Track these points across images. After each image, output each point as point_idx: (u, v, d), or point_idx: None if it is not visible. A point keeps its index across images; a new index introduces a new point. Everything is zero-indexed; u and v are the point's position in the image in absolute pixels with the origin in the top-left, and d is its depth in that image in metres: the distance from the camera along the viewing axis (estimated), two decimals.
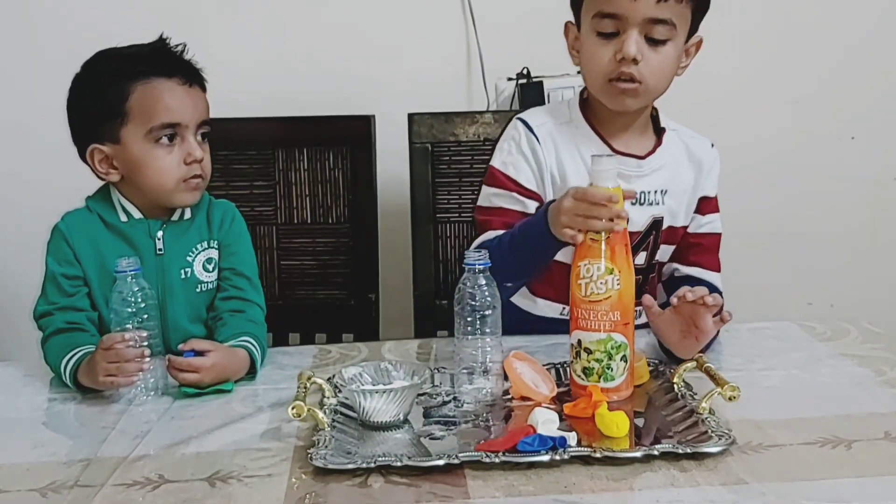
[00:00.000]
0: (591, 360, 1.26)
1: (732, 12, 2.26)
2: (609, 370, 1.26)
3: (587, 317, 1.25)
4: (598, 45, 1.42)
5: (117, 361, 1.32)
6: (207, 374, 1.35)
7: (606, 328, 1.25)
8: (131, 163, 1.47)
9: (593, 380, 1.26)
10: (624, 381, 1.27)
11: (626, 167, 1.46)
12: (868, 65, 2.29)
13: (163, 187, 1.48)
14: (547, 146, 1.51)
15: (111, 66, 1.48)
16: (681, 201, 1.54)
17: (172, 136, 1.47)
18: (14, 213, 2.23)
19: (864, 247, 2.37)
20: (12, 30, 2.19)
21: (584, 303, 1.25)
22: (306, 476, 1.09)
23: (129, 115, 1.46)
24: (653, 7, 1.38)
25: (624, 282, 1.25)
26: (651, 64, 1.41)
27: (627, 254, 1.27)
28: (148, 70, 1.47)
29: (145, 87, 1.46)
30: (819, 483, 1.03)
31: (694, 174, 1.56)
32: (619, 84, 1.42)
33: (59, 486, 1.09)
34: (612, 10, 1.39)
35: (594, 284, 1.24)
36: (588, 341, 1.26)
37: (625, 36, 1.39)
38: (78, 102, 1.50)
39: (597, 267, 1.25)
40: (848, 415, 1.21)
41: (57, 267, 1.49)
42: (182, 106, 1.48)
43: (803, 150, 2.32)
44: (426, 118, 1.92)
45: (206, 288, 1.54)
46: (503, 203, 1.51)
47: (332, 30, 2.20)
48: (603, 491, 1.03)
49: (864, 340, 1.50)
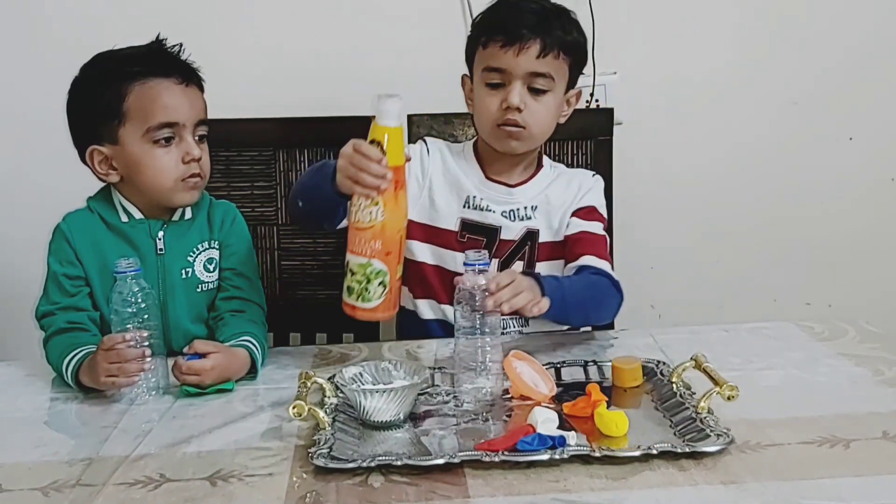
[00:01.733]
0: (353, 281, 1.36)
1: (732, 13, 2.27)
2: (367, 292, 1.36)
3: (354, 241, 1.36)
4: (487, 95, 1.59)
5: (118, 362, 1.33)
6: (208, 376, 1.36)
7: (368, 254, 1.35)
8: (130, 163, 1.48)
9: (353, 298, 1.37)
10: (381, 303, 1.36)
11: (496, 192, 1.65)
12: (866, 66, 2.30)
13: (161, 187, 1.49)
14: (434, 159, 1.68)
15: (108, 68, 1.49)
16: (554, 216, 1.67)
17: (170, 137, 1.48)
18: (15, 214, 2.23)
19: (862, 247, 2.37)
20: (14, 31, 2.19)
21: (353, 229, 1.36)
22: (307, 475, 1.09)
23: (127, 115, 1.46)
24: (533, 62, 1.55)
25: (388, 215, 1.34)
26: (533, 111, 1.57)
27: (397, 191, 1.35)
28: (145, 70, 1.47)
29: (142, 88, 1.46)
30: (817, 482, 1.04)
31: (573, 192, 1.68)
32: (505, 128, 1.58)
33: (60, 486, 1.10)
34: (498, 64, 1.56)
35: (360, 213, 1.34)
36: (353, 263, 1.36)
37: (510, 87, 1.56)
38: (77, 104, 1.51)
39: (366, 199, 1.34)
40: (846, 414, 1.21)
41: (59, 267, 1.49)
42: (179, 105, 1.48)
43: (802, 151, 2.33)
44: (426, 119, 1.92)
45: (207, 288, 1.55)
46: None
47: (332, 30, 2.20)
48: (602, 490, 1.04)
49: (862, 340, 1.50)
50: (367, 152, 1.33)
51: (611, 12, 2.17)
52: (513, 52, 1.54)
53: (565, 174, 1.71)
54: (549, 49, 1.55)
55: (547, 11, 1.58)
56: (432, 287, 1.65)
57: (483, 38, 1.59)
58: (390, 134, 1.35)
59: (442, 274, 1.64)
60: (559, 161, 1.85)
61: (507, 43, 1.55)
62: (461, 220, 1.64)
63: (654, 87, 2.26)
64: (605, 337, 1.61)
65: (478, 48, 1.60)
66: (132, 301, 1.36)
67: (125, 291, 1.36)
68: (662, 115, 2.28)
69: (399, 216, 1.37)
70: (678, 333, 1.56)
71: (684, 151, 2.31)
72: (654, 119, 2.26)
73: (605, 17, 2.13)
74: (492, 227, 1.64)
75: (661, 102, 2.27)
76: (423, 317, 1.67)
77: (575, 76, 1.63)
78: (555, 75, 1.57)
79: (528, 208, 1.66)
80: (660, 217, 2.32)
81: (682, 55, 2.27)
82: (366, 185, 1.33)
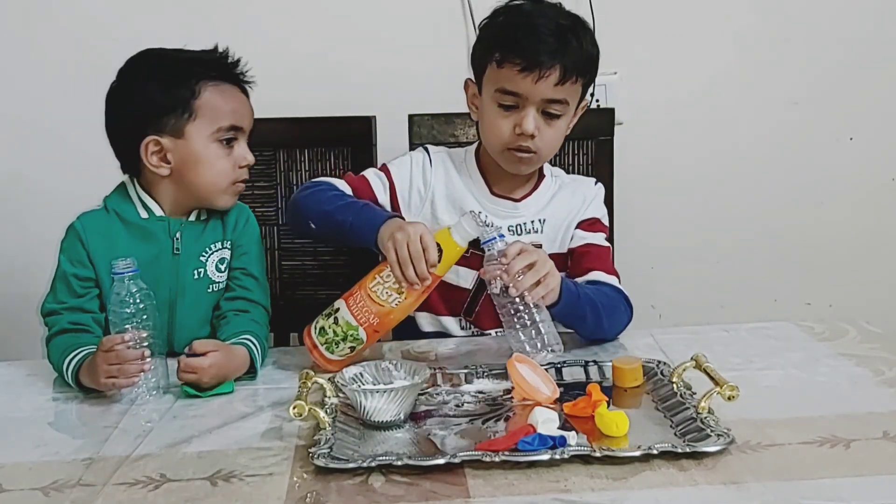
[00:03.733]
0: (330, 328, 1.41)
1: (732, 14, 2.27)
2: (336, 346, 1.41)
3: (357, 301, 1.41)
4: (499, 117, 1.54)
5: (118, 363, 1.33)
6: (205, 373, 1.36)
7: (362, 322, 1.40)
8: (190, 159, 1.50)
9: (319, 340, 1.42)
10: (340, 361, 1.41)
11: (502, 208, 1.62)
12: (866, 66, 2.30)
13: (215, 186, 1.52)
14: (437, 170, 1.65)
15: (182, 64, 1.51)
16: (559, 228, 1.64)
17: (231, 140, 1.52)
18: (20, 214, 2.24)
19: (863, 247, 2.37)
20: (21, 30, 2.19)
21: (364, 291, 1.41)
22: (307, 475, 1.10)
23: (198, 112, 1.49)
24: (551, 90, 1.50)
25: (402, 307, 1.40)
26: (546, 137, 1.54)
27: (423, 293, 1.41)
28: (218, 74, 1.52)
29: (216, 89, 1.50)
30: (817, 482, 1.04)
31: (577, 205, 1.66)
32: (516, 153, 1.55)
33: (61, 485, 1.10)
34: (515, 89, 1.51)
35: (382, 288, 1.39)
36: (342, 317, 1.41)
37: (524, 113, 1.52)
38: (137, 94, 1.50)
39: (394, 281, 1.39)
40: (846, 414, 1.21)
41: (69, 266, 1.49)
42: (245, 112, 1.55)
43: (802, 151, 2.33)
44: (426, 119, 1.93)
45: (217, 288, 1.55)
46: (371, 177, 1.63)
47: (332, 31, 2.20)
48: (602, 490, 1.04)
49: (862, 340, 1.50)
50: (429, 251, 1.36)
51: (611, 12, 2.17)
52: (531, 79, 1.48)
53: (567, 185, 1.68)
54: (569, 76, 1.49)
55: (564, 30, 1.51)
56: (431, 300, 1.57)
57: (498, 56, 1.51)
58: (455, 252, 1.41)
59: (442, 287, 1.56)
60: (559, 161, 1.85)
61: (525, 69, 1.48)
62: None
63: (655, 87, 2.26)
64: None
65: (489, 62, 1.53)
66: (130, 302, 1.36)
67: (123, 292, 1.36)
68: (662, 116, 2.28)
69: (408, 312, 1.44)
70: (678, 333, 1.56)
71: (684, 151, 2.31)
72: (655, 119, 2.26)
73: (605, 17, 2.13)
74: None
75: (662, 102, 2.27)
76: (423, 329, 1.66)
77: (586, 92, 1.59)
78: (570, 100, 1.53)
79: (535, 222, 1.63)
80: (660, 217, 2.32)
81: (683, 55, 2.27)
82: (406, 276, 1.37)
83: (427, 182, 1.64)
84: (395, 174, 1.63)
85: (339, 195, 1.55)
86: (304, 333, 1.45)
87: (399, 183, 1.63)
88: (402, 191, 1.63)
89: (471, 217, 1.41)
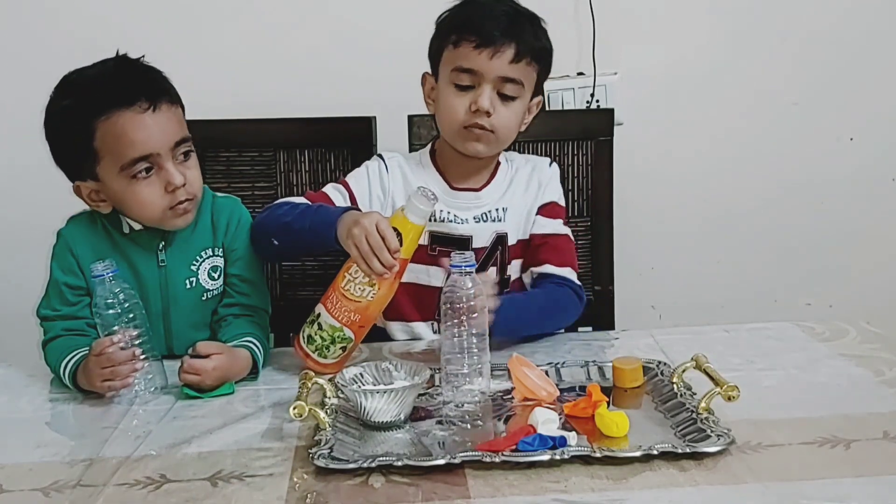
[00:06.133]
0: (317, 335, 1.41)
1: (732, 14, 2.27)
2: (327, 350, 1.42)
3: (334, 304, 1.40)
4: (455, 96, 1.56)
5: (110, 366, 1.33)
6: (208, 376, 1.36)
7: (344, 321, 1.40)
8: (116, 197, 1.44)
9: (310, 348, 1.42)
10: (335, 363, 1.42)
11: (463, 200, 1.62)
12: (866, 66, 2.30)
13: (150, 219, 1.45)
14: (394, 175, 1.65)
15: (73, 103, 1.40)
16: (521, 215, 1.65)
17: (149, 168, 1.41)
18: (15, 215, 2.23)
19: (863, 247, 2.37)
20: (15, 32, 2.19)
21: (339, 293, 1.40)
22: (308, 476, 1.10)
23: (99, 153, 1.40)
24: (506, 67, 1.52)
25: (378, 298, 1.40)
26: (501, 116, 1.55)
27: (395, 280, 1.40)
28: (108, 103, 1.38)
29: (107, 124, 1.38)
30: (818, 482, 1.04)
31: (534, 190, 1.66)
32: (473, 130, 1.55)
33: (61, 486, 1.10)
34: (470, 65, 1.53)
35: (354, 285, 1.39)
36: (325, 321, 1.41)
37: (480, 90, 1.54)
38: (52, 141, 1.44)
39: (363, 276, 1.38)
40: (847, 415, 1.21)
41: (60, 275, 1.48)
42: (149, 136, 1.39)
43: (802, 151, 2.33)
44: (426, 119, 1.92)
45: (212, 295, 1.54)
46: (330, 191, 1.62)
47: (332, 31, 2.20)
48: (603, 490, 1.04)
49: (862, 341, 1.50)
50: (388, 238, 1.35)
51: (611, 12, 2.17)
52: (486, 55, 1.51)
53: (522, 167, 1.68)
54: (523, 55, 1.53)
55: (520, 15, 1.56)
56: (400, 306, 1.59)
57: (454, 37, 1.55)
58: (414, 231, 1.39)
59: (413, 290, 1.59)
60: (559, 161, 1.85)
61: (480, 44, 1.52)
62: (429, 234, 1.59)
63: (655, 87, 2.26)
64: (606, 337, 1.62)
65: (446, 46, 1.57)
66: (115, 303, 1.35)
67: (106, 294, 1.35)
68: (662, 116, 2.28)
69: (386, 300, 1.42)
70: (679, 334, 1.56)
71: (684, 152, 2.31)
72: (655, 119, 2.26)
73: (605, 17, 2.14)
74: (462, 237, 1.61)
75: (662, 103, 2.27)
76: (395, 338, 1.65)
77: (540, 84, 1.61)
78: (525, 82, 1.55)
79: (499, 210, 1.63)
80: (660, 217, 2.32)
81: (683, 55, 2.27)
82: (372, 268, 1.35)
83: (385, 188, 1.64)
84: (353, 186, 1.63)
85: (295, 206, 1.54)
86: (295, 344, 1.45)
87: (359, 193, 1.63)
88: (363, 200, 1.62)
89: (419, 193, 1.38)
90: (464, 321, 1.29)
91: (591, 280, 1.89)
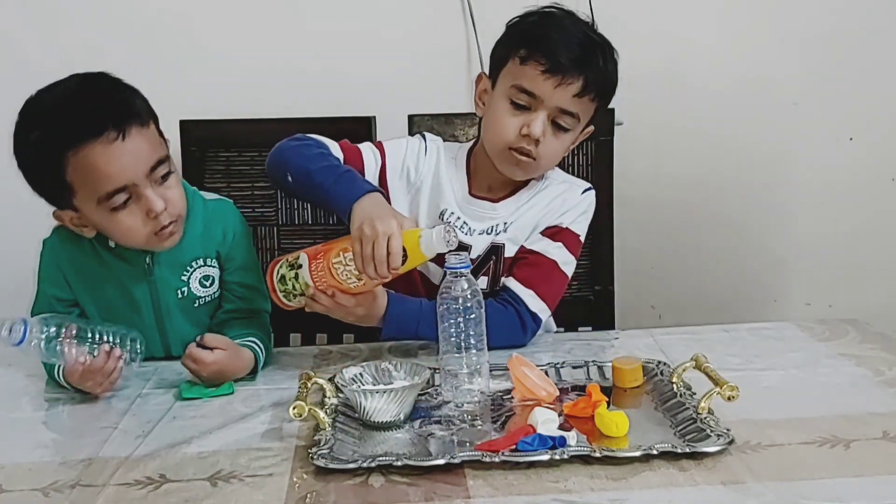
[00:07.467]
0: (290, 281, 1.41)
1: (732, 14, 2.27)
2: (292, 297, 1.43)
3: (318, 269, 1.39)
4: (509, 114, 1.50)
5: (90, 380, 1.34)
6: (206, 368, 1.36)
7: (319, 287, 1.40)
8: (97, 226, 1.40)
9: (279, 286, 1.43)
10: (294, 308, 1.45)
11: (478, 209, 1.59)
12: (866, 66, 2.30)
13: (134, 243, 1.41)
14: (430, 160, 1.61)
15: (40, 136, 1.33)
16: (527, 227, 1.59)
17: (126, 198, 1.35)
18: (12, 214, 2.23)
19: (863, 247, 2.37)
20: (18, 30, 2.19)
21: (328, 265, 1.39)
22: (307, 475, 1.10)
23: (73, 186, 1.34)
24: (568, 100, 1.48)
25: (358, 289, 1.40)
26: (548, 146, 1.51)
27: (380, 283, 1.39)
28: (75, 136, 1.31)
29: (77, 158, 1.31)
30: (817, 482, 1.04)
31: (554, 209, 1.59)
32: (515, 154, 1.51)
33: (61, 486, 1.10)
34: (532, 89, 1.48)
35: (343, 268, 1.38)
36: (303, 275, 1.40)
37: (535, 116, 1.49)
38: (25, 173, 1.38)
39: (354, 267, 1.36)
40: (846, 414, 1.21)
41: (48, 287, 1.48)
42: (122, 167, 1.32)
43: (802, 152, 2.33)
44: (426, 119, 1.92)
45: (205, 302, 1.53)
46: (365, 151, 1.58)
47: (332, 31, 2.20)
48: (602, 490, 1.04)
49: (862, 340, 1.50)
50: (392, 256, 1.30)
51: (611, 12, 2.16)
52: (552, 83, 1.46)
53: (555, 185, 1.61)
54: (588, 91, 1.48)
55: (593, 44, 1.50)
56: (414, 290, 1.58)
57: (523, 52, 1.48)
58: (419, 259, 1.35)
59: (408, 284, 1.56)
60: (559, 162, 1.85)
61: (548, 70, 1.45)
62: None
63: (655, 87, 2.26)
64: (606, 337, 1.62)
65: (512, 58, 1.50)
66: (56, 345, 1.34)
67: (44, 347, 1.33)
68: (662, 115, 2.28)
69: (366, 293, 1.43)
70: (678, 334, 1.56)
71: (684, 151, 2.31)
72: (654, 119, 2.26)
73: (605, 17, 2.12)
74: (462, 245, 1.54)
75: (662, 102, 2.27)
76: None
77: (597, 115, 1.56)
78: (582, 116, 1.51)
79: (506, 224, 1.58)
80: (660, 217, 2.32)
81: (683, 55, 2.27)
82: (365, 272, 1.33)
83: (419, 170, 1.60)
84: (388, 153, 1.59)
85: (325, 154, 1.48)
86: (269, 267, 1.45)
87: (391, 162, 1.58)
88: (393, 171, 1.58)
89: (444, 233, 1.30)
90: (461, 322, 1.29)
91: (591, 280, 1.89)
